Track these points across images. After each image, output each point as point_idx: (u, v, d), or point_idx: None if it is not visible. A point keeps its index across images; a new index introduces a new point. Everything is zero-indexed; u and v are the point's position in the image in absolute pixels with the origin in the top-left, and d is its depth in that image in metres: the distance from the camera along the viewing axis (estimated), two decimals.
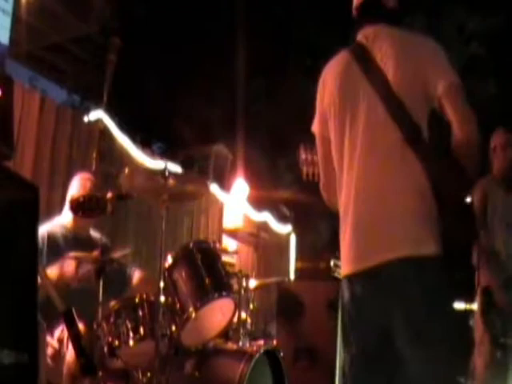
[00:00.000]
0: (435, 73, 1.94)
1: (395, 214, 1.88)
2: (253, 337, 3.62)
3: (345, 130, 2.03)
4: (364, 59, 2.03)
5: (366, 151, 1.96)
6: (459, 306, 5.25)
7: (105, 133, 4.75)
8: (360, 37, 2.11)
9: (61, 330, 2.95)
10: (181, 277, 3.04)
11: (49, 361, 2.91)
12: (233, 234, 4.32)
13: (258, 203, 7.44)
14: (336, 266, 4.76)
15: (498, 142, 3.59)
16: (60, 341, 2.95)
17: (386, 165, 1.93)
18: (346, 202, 2.00)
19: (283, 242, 7.59)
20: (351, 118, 2.02)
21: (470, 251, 1.95)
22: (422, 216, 1.86)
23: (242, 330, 3.42)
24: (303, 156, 2.42)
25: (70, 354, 2.79)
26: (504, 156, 3.57)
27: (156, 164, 5.20)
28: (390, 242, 1.87)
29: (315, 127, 2.19)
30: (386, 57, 1.99)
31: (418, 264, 1.83)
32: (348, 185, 2.00)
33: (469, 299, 4.36)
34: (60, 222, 3.43)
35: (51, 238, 3.27)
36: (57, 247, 3.22)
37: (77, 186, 3.41)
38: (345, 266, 1.99)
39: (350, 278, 1.96)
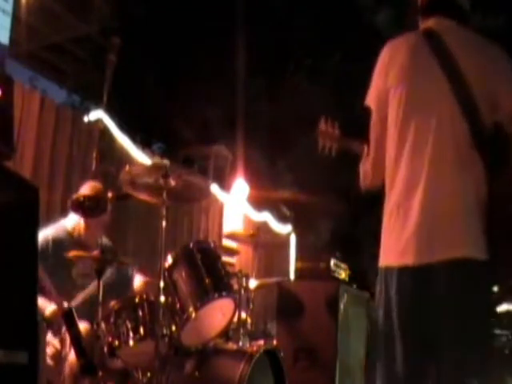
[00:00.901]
0: (510, 90, 1.93)
1: (460, 214, 1.88)
2: (253, 337, 3.62)
3: (411, 115, 1.96)
4: (437, 46, 1.97)
5: (438, 146, 1.92)
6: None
7: (105, 133, 4.75)
8: (429, 24, 2.05)
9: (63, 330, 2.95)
10: (181, 277, 3.04)
11: (49, 360, 2.91)
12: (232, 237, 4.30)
13: (258, 203, 7.44)
14: (336, 265, 4.76)
15: None
16: (62, 341, 2.95)
17: (455, 164, 1.90)
18: (408, 192, 1.93)
19: (283, 241, 7.58)
20: (421, 105, 1.96)
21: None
22: (478, 220, 1.87)
23: (242, 330, 3.42)
24: (323, 127, 2.34)
25: (72, 354, 2.79)
26: None
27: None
28: (451, 241, 1.87)
29: (372, 102, 2.08)
30: (459, 53, 1.94)
31: (471, 266, 1.85)
32: (412, 175, 1.93)
33: None
34: (64, 225, 3.41)
35: (56, 242, 3.26)
36: (61, 252, 3.20)
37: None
38: (400, 256, 1.92)
39: (404, 270, 1.91)
